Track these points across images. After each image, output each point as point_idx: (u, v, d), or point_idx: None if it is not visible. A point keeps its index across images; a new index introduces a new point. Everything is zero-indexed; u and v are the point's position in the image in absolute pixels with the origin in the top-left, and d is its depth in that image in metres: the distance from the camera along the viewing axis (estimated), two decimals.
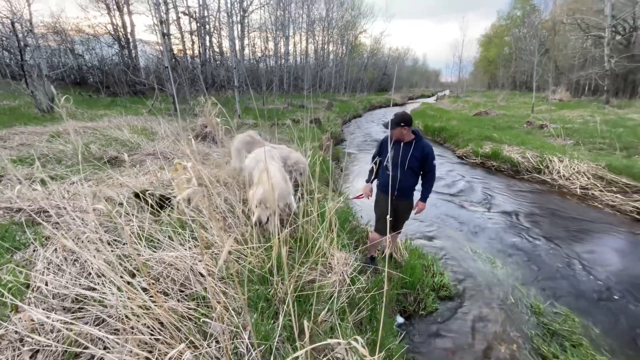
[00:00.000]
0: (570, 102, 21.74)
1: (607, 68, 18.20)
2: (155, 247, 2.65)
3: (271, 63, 25.05)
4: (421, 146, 3.08)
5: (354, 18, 34.43)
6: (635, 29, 21.71)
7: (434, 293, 3.43)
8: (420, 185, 3.28)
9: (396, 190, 3.20)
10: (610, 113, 14.77)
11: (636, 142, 8.74)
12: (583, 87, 27.87)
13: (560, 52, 28.36)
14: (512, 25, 43.17)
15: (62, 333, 1.81)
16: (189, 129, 7.73)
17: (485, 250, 4.44)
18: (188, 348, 1.74)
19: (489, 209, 5.94)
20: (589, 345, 2.77)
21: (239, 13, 15.51)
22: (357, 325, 2.51)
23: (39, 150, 5.38)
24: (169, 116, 9.60)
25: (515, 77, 41.38)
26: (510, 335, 2.94)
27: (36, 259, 2.49)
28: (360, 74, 38.62)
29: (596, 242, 4.66)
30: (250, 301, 2.27)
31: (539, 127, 12.01)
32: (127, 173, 4.51)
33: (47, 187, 3.59)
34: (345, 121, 18.92)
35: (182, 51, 18.92)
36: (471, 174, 8.20)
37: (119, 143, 6.46)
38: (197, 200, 2.33)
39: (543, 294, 3.52)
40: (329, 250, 2.87)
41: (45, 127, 7.39)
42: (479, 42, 52.90)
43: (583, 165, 7.08)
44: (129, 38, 20.20)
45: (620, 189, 6.15)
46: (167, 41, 10.45)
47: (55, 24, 19.25)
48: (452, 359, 2.71)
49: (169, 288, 2.25)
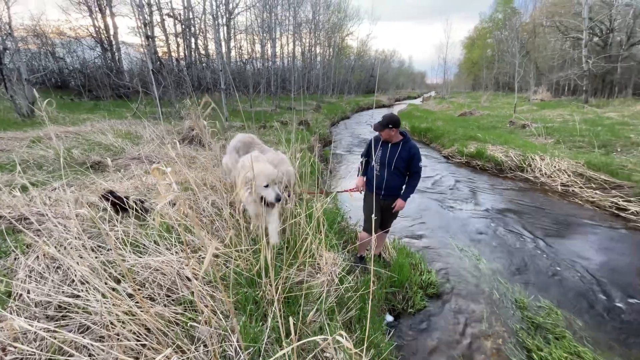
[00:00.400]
0: (551, 102, 22.39)
1: (585, 69, 18.85)
2: (140, 253, 2.61)
3: (258, 65, 24.99)
4: (408, 147, 3.16)
5: (341, 20, 34.73)
6: (611, 31, 22.54)
7: (422, 291, 3.48)
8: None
9: (383, 190, 3.25)
10: (589, 112, 15.28)
11: (614, 140, 9.06)
12: (563, 87, 28.77)
13: (541, 53, 29.21)
14: (494, 27, 44.24)
15: (46, 341, 1.77)
16: (174, 132, 7.64)
17: (471, 247, 4.53)
18: (175, 353, 1.73)
19: (474, 207, 6.06)
20: (571, 337, 2.85)
21: (225, 15, 15.43)
22: (346, 325, 2.53)
23: (19, 156, 5.23)
24: (154, 119, 9.46)
25: (498, 78, 42.35)
26: (496, 330, 3.01)
27: (17, 267, 2.42)
28: (347, 76, 38.89)
29: (577, 237, 4.81)
30: (238, 304, 2.26)
31: (521, 126, 12.32)
32: (111, 178, 4.43)
33: (28, 193, 3.50)
34: (333, 123, 19.01)
35: (167, 53, 18.67)
36: (457, 174, 8.35)
37: (102, 147, 6.34)
38: (179, 205, 2.31)
39: (527, 288, 3.62)
40: (317, 251, 2.89)
41: (26, 133, 7.19)
42: (462, 44, 54.03)
43: (564, 163, 7.30)
44: (111, 40, 19.84)
45: (599, 185, 6.37)
46: (151, 43, 10.32)
47: (35, 26, 18.74)
48: (441, 355, 2.75)
49: (155, 293, 2.23)
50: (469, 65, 51.55)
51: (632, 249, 4.49)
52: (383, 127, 3.07)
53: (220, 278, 1.59)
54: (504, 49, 37.04)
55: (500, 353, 2.75)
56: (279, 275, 2.37)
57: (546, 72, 29.43)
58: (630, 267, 4.01)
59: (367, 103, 31.82)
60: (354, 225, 4.64)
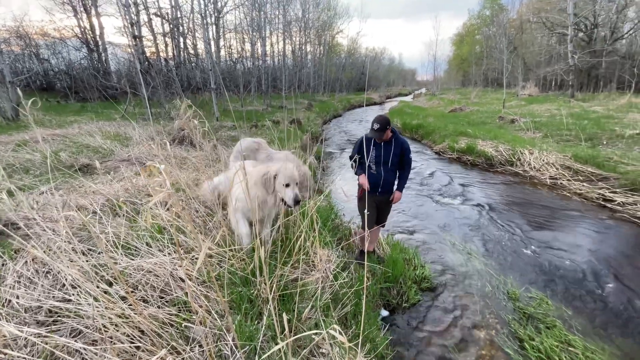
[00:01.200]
0: (539, 97, 22.73)
1: (571, 64, 19.17)
2: (133, 255, 2.58)
3: (249, 64, 24.82)
4: (400, 142, 3.29)
5: (330, 18, 34.72)
6: (595, 26, 22.99)
7: (416, 285, 3.52)
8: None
9: (380, 187, 3.37)
10: (575, 106, 15.56)
11: (600, 133, 9.25)
12: (550, 82, 29.26)
13: (528, 49, 29.68)
14: (482, 24, 44.74)
15: (37, 347, 1.74)
16: (164, 133, 7.55)
17: (463, 241, 4.59)
18: (170, 354, 1.72)
19: (465, 202, 6.13)
20: (562, 326, 2.92)
21: (213, 14, 15.29)
22: (342, 321, 2.54)
23: (4, 160, 5.11)
24: (144, 120, 9.34)
25: (487, 74, 42.90)
26: (489, 321, 3.06)
27: (5, 273, 2.37)
28: (338, 73, 38.92)
29: (566, 229, 4.91)
30: (233, 303, 2.25)
31: (510, 121, 12.50)
32: (100, 180, 4.36)
33: (15, 198, 3.42)
34: (325, 121, 19.01)
35: (155, 53, 18.40)
36: (448, 169, 8.44)
37: (91, 150, 6.23)
38: (172, 203, 2.27)
39: (518, 280, 3.68)
40: (311, 248, 2.89)
41: (11, 136, 7.02)
42: (452, 41, 54.56)
43: (552, 157, 7.44)
44: (97, 41, 19.47)
45: (586, 178, 6.51)
46: (138, 44, 10.16)
47: (18, 27, 18.29)
48: (435, 347, 2.79)
49: (148, 295, 2.20)
50: (458, 62, 52.08)
51: (618, 238, 4.60)
52: (384, 130, 3.11)
53: (214, 278, 1.59)
54: (492, 45, 37.54)
55: (493, 343, 2.79)
56: (274, 274, 2.36)
57: (533, 68, 29.90)
58: (617, 257, 4.11)
59: (358, 101, 31.89)
60: (347, 223, 4.65)
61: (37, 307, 2.03)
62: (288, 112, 14.97)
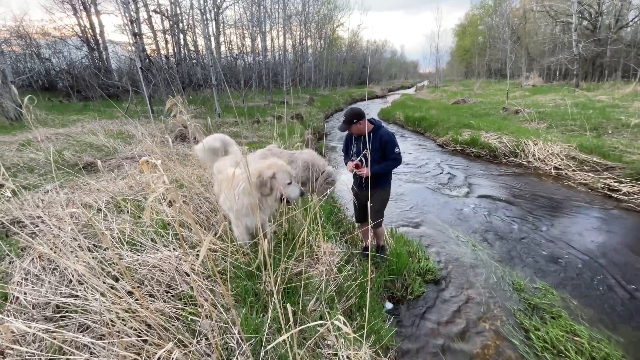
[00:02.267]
0: (543, 87, 22.49)
1: (575, 53, 18.90)
2: (138, 251, 2.60)
3: (249, 60, 24.72)
4: (378, 136, 3.09)
5: (331, 11, 34.37)
6: (600, 14, 22.60)
7: (420, 278, 3.52)
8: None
9: (363, 182, 3.27)
10: (580, 96, 15.37)
11: (605, 122, 9.13)
12: (554, 72, 28.91)
13: (531, 39, 29.23)
14: (485, 14, 44.08)
15: (45, 342, 1.76)
16: (166, 130, 7.56)
17: (467, 233, 4.57)
18: (177, 347, 1.73)
19: (469, 194, 6.10)
20: (567, 316, 2.91)
21: (213, 10, 15.21)
22: (346, 313, 2.56)
23: (8, 160, 5.16)
24: (146, 118, 9.36)
25: (490, 65, 42.39)
26: (494, 312, 3.06)
27: (13, 271, 2.40)
28: (339, 67, 38.63)
29: (571, 219, 4.88)
30: (238, 296, 2.27)
31: (514, 112, 12.37)
32: (104, 178, 4.39)
33: (20, 197, 3.45)
34: (327, 115, 18.93)
35: (156, 51, 18.37)
36: (452, 161, 8.39)
37: (94, 148, 6.27)
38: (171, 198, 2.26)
39: (523, 271, 3.67)
40: (315, 242, 2.90)
41: (15, 136, 7.08)
42: (454, 32, 53.87)
43: (556, 147, 7.36)
44: (98, 39, 19.48)
45: (591, 168, 6.44)
46: (138, 41, 10.14)
47: (18, 27, 18.33)
48: (441, 338, 2.79)
49: (154, 290, 2.22)
50: (461, 53, 51.49)
51: (624, 228, 4.56)
52: (349, 124, 3.04)
53: (218, 272, 1.59)
54: (495, 36, 37.00)
55: (499, 334, 2.80)
56: (278, 267, 2.37)
57: (537, 58, 29.52)
58: (622, 247, 4.08)
59: (360, 94, 31.70)
60: (351, 217, 4.65)
61: (44, 303, 2.06)
62: (289, 107, 14.93)
